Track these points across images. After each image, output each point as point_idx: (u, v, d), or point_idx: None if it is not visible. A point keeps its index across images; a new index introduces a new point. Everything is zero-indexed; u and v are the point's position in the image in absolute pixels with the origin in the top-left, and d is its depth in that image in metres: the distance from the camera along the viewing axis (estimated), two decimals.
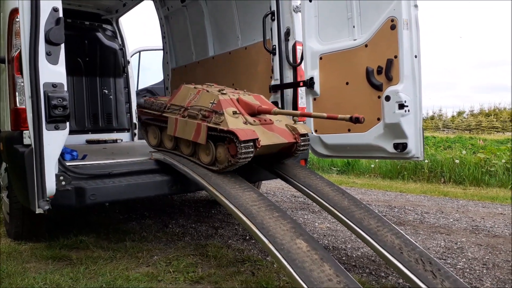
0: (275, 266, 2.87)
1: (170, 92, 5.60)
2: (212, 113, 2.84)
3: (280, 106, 3.92)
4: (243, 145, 2.63)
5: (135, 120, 6.03)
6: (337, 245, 3.42)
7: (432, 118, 29.97)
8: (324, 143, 3.63)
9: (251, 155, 2.71)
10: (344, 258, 3.12)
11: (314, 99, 3.66)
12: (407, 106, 3.05)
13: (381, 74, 3.13)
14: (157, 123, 3.42)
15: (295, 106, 3.96)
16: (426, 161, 7.33)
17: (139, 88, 7.05)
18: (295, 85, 3.81)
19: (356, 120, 2.46)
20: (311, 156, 4.54)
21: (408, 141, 3.09)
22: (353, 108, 3.37)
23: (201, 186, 2.81)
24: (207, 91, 3.03)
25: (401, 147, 3.12)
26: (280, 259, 2.09)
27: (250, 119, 2.87)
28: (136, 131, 6.09)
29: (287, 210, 4.68)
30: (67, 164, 2.79)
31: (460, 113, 29.80)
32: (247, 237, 3.56)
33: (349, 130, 3.44)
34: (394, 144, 3.16)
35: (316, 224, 4.11)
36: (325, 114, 2.70)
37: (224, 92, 2.99)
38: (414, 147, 3.11)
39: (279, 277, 2.69)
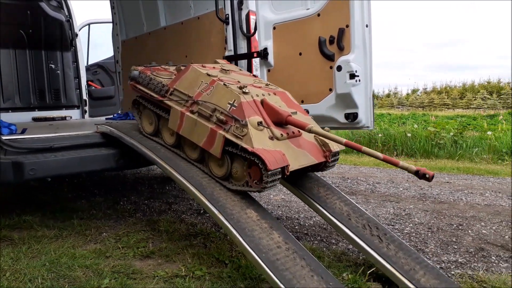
0: (228, 238, 2.85)
1: (121, 66, 5.37)
2: (231, 119, 2.24)
3: None
4: (270, 173, 2.07)
5: (85, 97, 5.75)
6: (290, 215, 3.45)
7: (388, 96, 30.88)
8: None
9: (277, 182, 2.19)
10: (297, 227, 3.15)
11: (269, 70, 3.61)
12: (357, 76, 3.06)
13: (333, 44, 3.11)
14: (154, 109, 2.76)
15: None
16: (379, 135, 7.54)
17: (90, 63, 6.71)
18: (249, 56, 3.73)
19: (423, 177, 1.98)
20: None
21: (358, 110, 3.12)
22: (307, 80, 3.36)
23: (150, 160, 2.70)
24: (225, 85, 2.38)
25: (352, 117, 3.15)
26: (230, 229, 2.06)
27: (277, 132, 2.26)
28: (86, 108, 5.82)
29: None
30: (4, 138, 2.61)
31: (414, 91, 30.88)
32: (201, 211, 3.52)
33: (302, 102, 3.43)
34: (345, 114, 3.18)
35: (271, 196, 4.12)
36: (381, 155, 2.13)
37: (246, 90, 2.33)
38: (365, 116, 3.15)
39: (232, 248, 2.68)
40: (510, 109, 17.49)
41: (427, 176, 1.94)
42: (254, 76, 2.76)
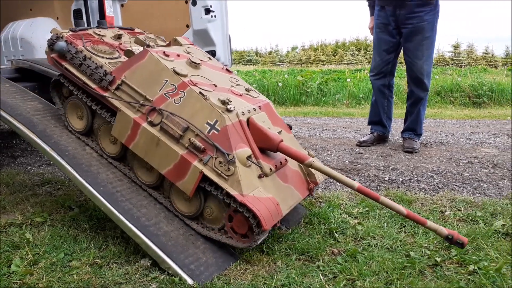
0: None
1: None
2: (211, 147, 1.69)
3: (84, 15, 3.46)
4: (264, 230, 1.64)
5: None
6: None
7: (270, 53, 31.87)
8: None
9: (266, 236, 1.80)
10: None
11: (122, 5, 3.33)
12: (213, 11, 3.00)
13: None
14: (87, 100, 2.02)
15: (102, 14, 3.56)
16: (254, 85, 7.73)
17: None
18: None
19: (455, 243, 1.69)
20: None
21: (216, 48, 3.09)
22: (163, 16, 3.19)
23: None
24: (201, 94, 1.75)
25: (210, 54, 3.10)
26: (63, 164, 1.89)
27: (266, 166, 1.78)
28: None
29: None
30: None
31: (293, 49, 32.34)
32: (52, 162, 3.20)
33: None
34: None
35: None
36: (404, 211, 1.74)
37: (230, 107, 1.74)
38: (223, 54, 3.15)
39: (82, 194, 2.49)
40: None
41: (459, 242, 1.66)
42: (227, 70, 2.20)
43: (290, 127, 2.12)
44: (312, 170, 1.98)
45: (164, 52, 1.89)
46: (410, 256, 1.76)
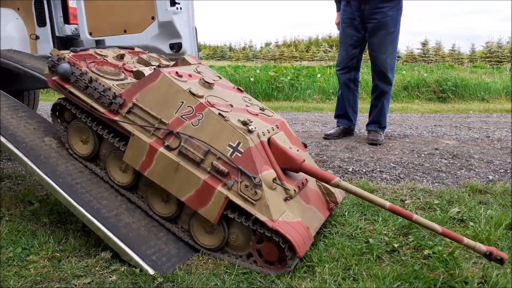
0: None
1: None
2: (236, 171, 1.60)
3: (46, 8, 3.36)
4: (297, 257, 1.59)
5: None
6: None
7: (244, 49, 31.84)
8: None
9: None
10: None
11: None
12: (178, 3, 2.97)
13: None
14: (93, 125, 1.89)
15: (65, 7, 3.48)
16: None
17: None
18: None
19: (494, 259, 1.55)
20: None
21: (182, 40, 3.06)
22: (128, 7, 3.13)
23: None
24: (221, 115, 1.67)
25: (177, 47, 3.08)
26: (20, 156, 1.84)
27: (291, 188, 1.70)
28: None
29: None
30: None
31: (267, 45, 32.40)
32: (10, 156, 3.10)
33: (125, 31, 3.21)
34: (170, 44, 3.10)
35: None
36: (439, 228, 1.61)
37: (251, 128, 1.67)
38: (189, 47, 3.12)
39: (43, 189, 2.44)
40: None
41: (498, 258, 1.55)
42: (239, 89, 2.13)
43: (305, 146, 2.06)
44: (332, 189, 1.93)
45: (176, 72, 1.81)
46: (369, 242, 1.81)
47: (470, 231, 1.92)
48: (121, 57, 2.15)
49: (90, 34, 3.30)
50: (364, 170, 2.83)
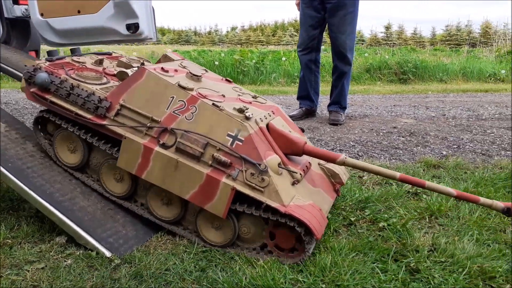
0: None
1: None
2: (239, 160, 1.54)
3: None
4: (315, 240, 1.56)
5: None
6: None
7: (209, 33, 31.39)
8: (54, 28, 3.17)
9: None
10: None
11: None
12: None
13: None
14: (80, 133, 1.78)
15: None
16: None
17: None
18: None
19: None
20: None
21: (139, 21, 2.97)
22: None
23: None
24: (215, 105, 1.60)
25: (134, 27, 2.98)
26: None
27: (297, 171, 1.64)
28: None
29: None
30: None
31: (233, 29, 32.08)
32: None
33: (79, 12, 3.08)
34: (126, 25, 2.99)
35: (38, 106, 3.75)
36: (454, 192, 1.59)
37: (248, 114, 1.60)
38: (147, 27, 3.03)
39: None
40: None
41: None
42: (227, 80, 2.06)
43: (303, 130, 2.01)
44: (335, 170, 1.91)
45: (162, 68, 1.73)
46: (327, 217, 1.86)
47: (423, 204, 2.01)
48: (100, 62, 2.06)
49: (42, 15, 3.14)
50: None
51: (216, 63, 7.60)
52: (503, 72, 7.54)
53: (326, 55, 7.71)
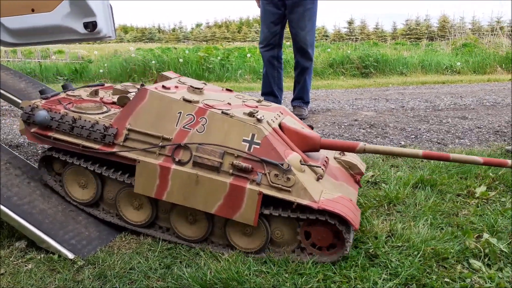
0: None
1: None
2: (259, 164, 1.50)
3: None
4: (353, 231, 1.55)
5: None
6: None
7: (174, 30, 30.97)
8: (7, 28, 3.07)
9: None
10: None
11: None
12: None
13: None
14: (92, 167, 1.70)
15: None
16: (153, 61, 7.49)
17: None
18: None
19: None
20: None
21: (97, 19, 2.92)
22: None
23: None
24: (224, 113, 1.56)
25: (91, 26, 2.94)
26: None
27: (319, 166, 1.63)
28: None
29: None
30: None
31: (198, 25, 31.78)
32: None
33: (33, 10, 2.99)
34: (84, 23, 2.94)
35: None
36: (480, 159, 1.66)
37: (259, 116, 1.57)
38: (105, 25, 2.98)
39: None
40: None
41: None
42: (228, 90, 2.02)
43: (312, 127, 1.97)
44: (353, 161, 1.90)
45: (163, 86, 1.70)
46: None
47: (382, 192, 2.09)
48: (95, 93, 2.01)
49: None
50: None
51: (181, 60, 7.54)
52: (459, 64, 7.89)
53: (291, 51, 7.80)
